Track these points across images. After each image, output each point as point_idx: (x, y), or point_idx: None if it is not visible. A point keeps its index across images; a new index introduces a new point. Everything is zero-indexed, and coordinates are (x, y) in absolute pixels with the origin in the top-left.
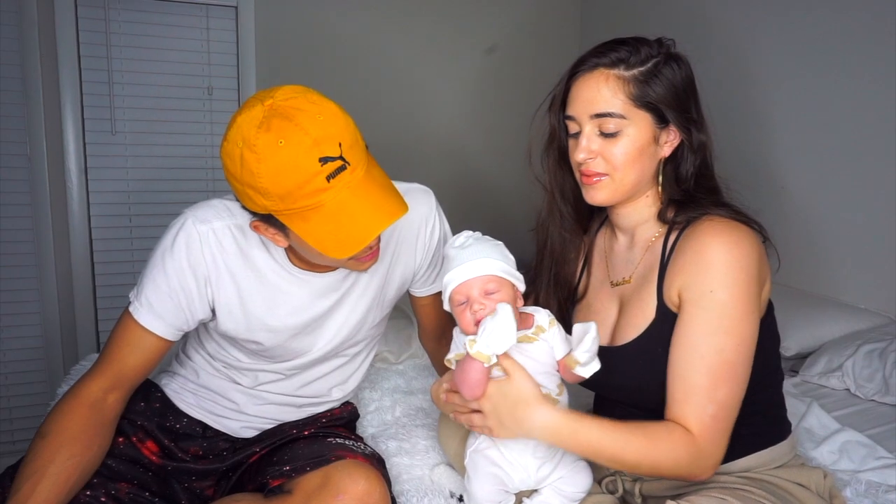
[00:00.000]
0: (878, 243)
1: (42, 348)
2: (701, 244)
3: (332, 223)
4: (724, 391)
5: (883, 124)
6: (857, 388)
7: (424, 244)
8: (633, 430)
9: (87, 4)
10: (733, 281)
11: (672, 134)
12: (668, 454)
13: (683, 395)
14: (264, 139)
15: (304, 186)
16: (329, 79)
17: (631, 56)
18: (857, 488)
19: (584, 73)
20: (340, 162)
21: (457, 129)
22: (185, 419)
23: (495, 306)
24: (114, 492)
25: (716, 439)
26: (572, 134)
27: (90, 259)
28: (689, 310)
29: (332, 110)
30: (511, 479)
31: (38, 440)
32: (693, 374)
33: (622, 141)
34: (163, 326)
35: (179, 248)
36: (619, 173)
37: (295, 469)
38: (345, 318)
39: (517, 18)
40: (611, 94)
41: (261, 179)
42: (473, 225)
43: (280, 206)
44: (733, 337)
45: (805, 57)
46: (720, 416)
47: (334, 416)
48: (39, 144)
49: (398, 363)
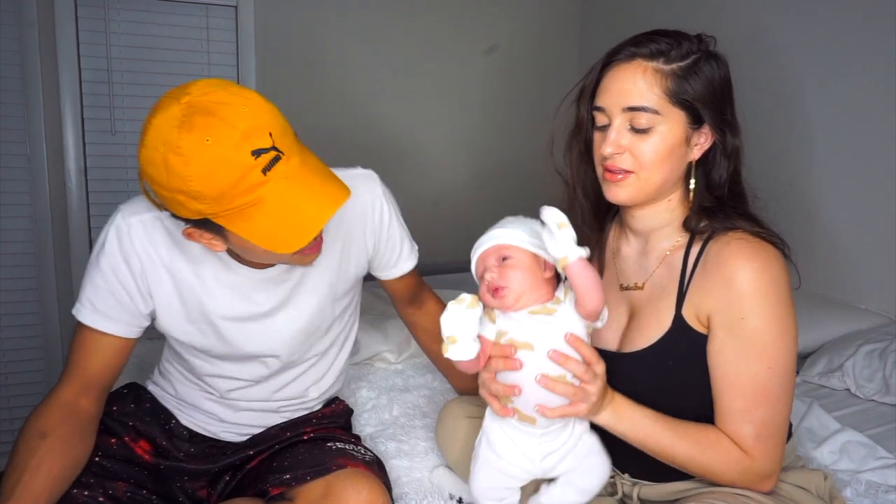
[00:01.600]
0: (878, 243)
1: (42, 348)
2: (729, 269)
3: (274, 218)
4: (762, 412)
5: (886, 123)
6: (858, 388)
7: (374, 229)
8: (682, 433)
9: (87, 4)
10: (764, 306)
11: (703, 137)
12: (717, 463)
13: (722, 415)
14: (188, 139)
15: (240, 183)
16: (329, 79)
17: (672, 49)
18: (857, 488)
19: (621, 62)
20: (274, 153)
21: (457, 129)
22: (173, 420)
23: (508, 273)
24: (111, 491)
25: (765, 455)
26: (599, 126)
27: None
28: (720, 336)
29: (255, 100)
30: (514, 469)
31: (19, 439)
32: (727, 399)
33: (653, 138)
34: (110, 324)
35: (111, 243)
36: (646, 172)
37: (295, 478)
38: (297, 313)
39: (517, 18)
40: (647, 88)
41: (191, 183)
42: (473, 225)
43: (216, 209)
44: (765, 361)
45: (804, 56)
46: (764, 435)
47: (325, 416)
48: (39, 144)
49: (398, 363)
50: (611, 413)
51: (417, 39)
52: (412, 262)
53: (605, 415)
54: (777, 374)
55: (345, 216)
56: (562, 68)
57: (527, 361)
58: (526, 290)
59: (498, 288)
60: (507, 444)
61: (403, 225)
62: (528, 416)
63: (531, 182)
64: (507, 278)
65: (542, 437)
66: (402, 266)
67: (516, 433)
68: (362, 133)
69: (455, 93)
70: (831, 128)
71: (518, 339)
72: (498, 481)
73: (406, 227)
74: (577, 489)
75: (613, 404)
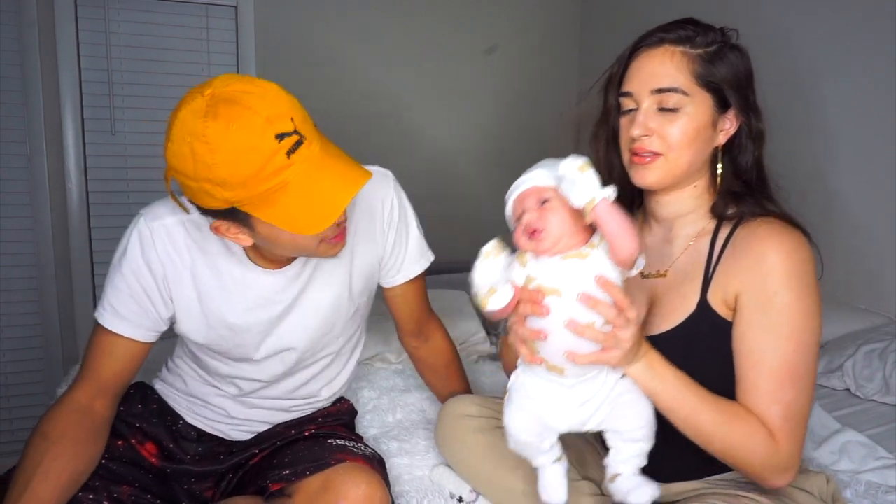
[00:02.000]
0: (878, 243)
1: (42, 348)
2: (762, 247)
3: (300, 200)
4: (789, 393)
5: (887, 120)
6: (858, 388)
7: (384, 228)
8: (712, 401)
9: (87, 4)
10: (797, 284)
11: (729, 122)
12: (742, 437)
13: (748, 395)
14: (213, 127)
15: (265, 167)
16: (329, 78)
17: (697, 36)
18: (857, 489)
19: (649, 48)
20: (297, 136)
21: (457, 129)
22: (180, 422)
23: (547, 216)
24: (116, 494)
25: (790, 440)
26: (626, 111)
27: (90, 259)
28: (750, 314)
29: (275, 89)
30: (548, 417)
31: (30, 441)
32: (755, 378)
33: (681, 119)
34: (130, 328)
35: (133, 247)
36: (674, 153)
37: (295, 473)
38: (314, 308)
39: (517, 18)
40: (675, 70)
41: (217, 169)
42: (470, 224)
43: (242, 195)
44: (794, 340)
45: (802, 55)
46: (789, 417)
47: (330, 414)
48: (39, 144)
49: (398, 363)
50: (644, 367)
51: (417, 39)
52: (420, 267)
53: (637, 367)
54: (804, 355)
55: (357, 213)
56: (562, 68)
57: (554, 308)
58: (564, 235)
59: (536, 230)
60: (538, 393)
61: (418, 228)
62: (555, 367)
63: None
64: (546, 221)
65: (571, 388)
66: (407, 270)
67: (545, 383)
68: (362, 133)
69: (455, 93)
70: (833, 126)
71: (546, 284)
72: (532, 429)
73: (422, 232)
74: (626, 439)
75: (648, 358)
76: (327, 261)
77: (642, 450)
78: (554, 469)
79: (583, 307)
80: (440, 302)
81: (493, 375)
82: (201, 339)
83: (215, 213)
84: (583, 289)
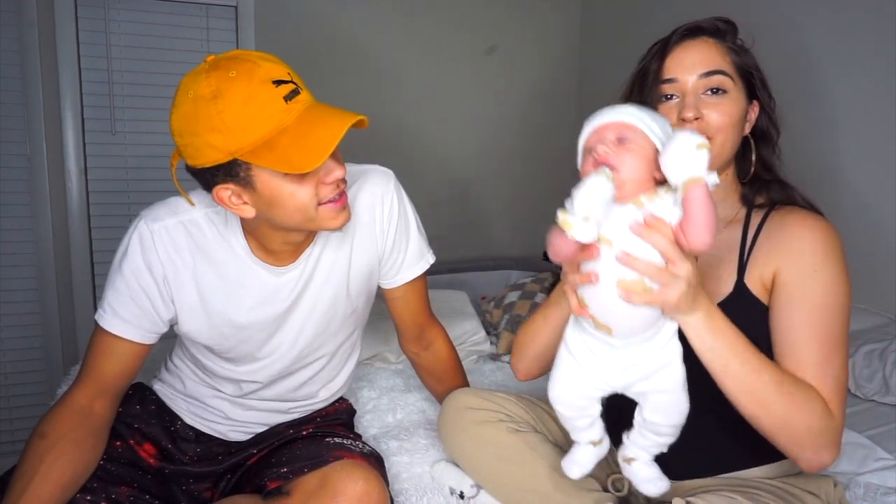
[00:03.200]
0: (878, 243)
1: (42, 348)
2: (797, 229)
3: (296, 142)
4: (837, 364)
5: (887, 118)
6: (857, 389)
7: (383, 226)
8: (769, 363)
9: (87, 4)
10: (833, 261)
11: (753, 113)
12: (805, 404)
13: (801, 368)
14: (216, 76)
15: (264, 110)
16: (329, 78)
17: (727, 34)
18: (857, 491)
19: (689, 38)
20: (293, 85)
21: (458, 129)
22: (179, 422)
23: (624, 155)
24: (114, 496)
25: (841, 411)
26: (668, 96)
27: (90, 259)
28: (792, 291)
29: (271, 56)
30: (593, 378)
31: (29, 441)
32: (805, 351)
33: (728, 102)
34: (130, 330)
35: (134, 249)
36: (722, 136)
37: (293, 471)
38: (310, 309)
39: (517, 18)
40: (719, 56)
41: (221, 116)
42: (468, 223)
43: (243, 141)
44: (836, 313)
45: (803, 56)
46: (838, 388)
47: (329, 414)
48: (39, 144)
49: (398, 363)
50: (704, 317)
51: (418, 40)
52: (420, 268)
53: (696, 317)
54: (843, 327)
55: (356, 210)
56: (562, 68)
57: (605, 257)
58: (634, 181)
59: (608, 165)
60: (586, 352)
61: (419, 228)
62: (604, 325)
63: (532, 181)
64: (621, 159)
65: (618, 350)
66: (407, 270)
67: (594, 342)
68: (361, 131)
69: (455, 93)
70: (834, 125)
71: (602, 232)
72: (576, 390)
73: (423, 233)
74: (653, 431)
75: (707, 309)
76: (327, 259)
77: (664, 443)
78: (586, 450)
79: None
80: (440, 302)
81: (493, 375)
82: (203, 339)
83: (217, 174)
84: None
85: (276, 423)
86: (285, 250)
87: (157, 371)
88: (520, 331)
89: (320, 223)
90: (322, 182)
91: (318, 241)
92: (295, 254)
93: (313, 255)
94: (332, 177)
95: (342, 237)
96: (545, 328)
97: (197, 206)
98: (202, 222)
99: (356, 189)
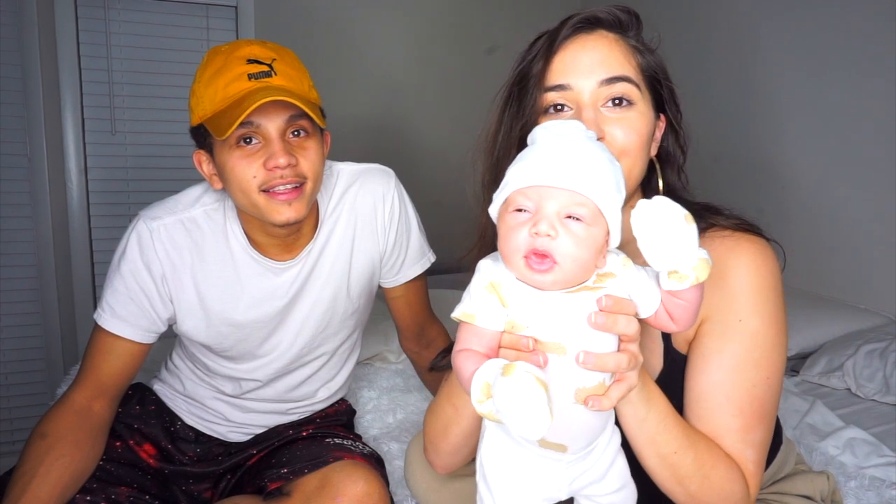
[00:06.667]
0: (878, 243)
1: (42, 348)
2: (719, 268)
3: (232, 109)
4: (760, 433)
5: (887, 122)
6: (858, 388)
7: (384, 225)
8: (696, 436)
9: (87, 4)
10: (764, 306)
11: (659, 131)
12: (723, 484)
13: (719, 437)
14: (215, 50)
15: (229, 82)
16: (329, 78)
17: (630, 28)
18: (862, 482)
19: (584, 32)
20: (266, 67)
21: (458, 129)
22: (178, 423)
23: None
24: (114, 496)
25: (757, 484)
26: (556, 107)
27: (90, 259)
28: (713, 343)
29: (274, 45)
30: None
31: (29, 442)
32: (723, 417)
33: (635, 116)
34: (129, 329)
35: (132, 248)
36: (629, 159)
37: (293, 471)
38: (312, 302)
39: (517, 18)
40: (623, 58)
41: (199, 83)
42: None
43: (207, 108)
44: (764, 370)
45: (803, 53)
46: (760, 461)
47: (328, 415)
48: (39, 144)
49: (398, 363)
50: (640, 387)
51: (418, 40)
52: (420, 267)
53: (635, 390)
54: (772, 387)
55: (356, 208)
56: None
57: (556, 366)
58: (579, 271)
59: (549, 257)
60: (522, 472)
61: (419, 227)
62: (555, 444)
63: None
64: (566, 248)
65: (569, 465)
66: (408, 269)
67: (536, 459)
68: (362, 132)
69: (455, 92)
70: (834, 124)
71: (544, 337)
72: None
73: (424, 232)
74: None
75: (644, 377)
76: (327, 257)
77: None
78: None
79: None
80: (441, 302)
81: None
82: (202, 337)
83: (196, 137)
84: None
85: (277, 423)
86: (274, 244)
87: (156, 371)
88: (428, 416)
89: (263, 212)
90: (265, 167)
91: (319, 239)
92: (292, 250)
93: (313, 252)
94: (272, 162)
95: (343, 236)
96: (458, 419)
97: (196, 204)
98: (201, 220)
99: (357, 188)
